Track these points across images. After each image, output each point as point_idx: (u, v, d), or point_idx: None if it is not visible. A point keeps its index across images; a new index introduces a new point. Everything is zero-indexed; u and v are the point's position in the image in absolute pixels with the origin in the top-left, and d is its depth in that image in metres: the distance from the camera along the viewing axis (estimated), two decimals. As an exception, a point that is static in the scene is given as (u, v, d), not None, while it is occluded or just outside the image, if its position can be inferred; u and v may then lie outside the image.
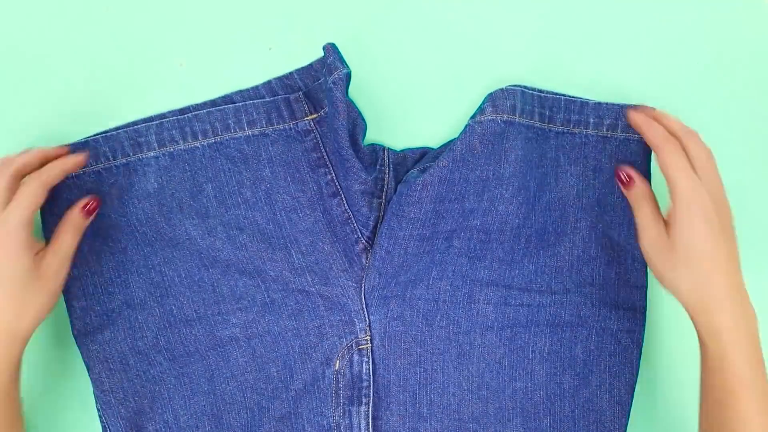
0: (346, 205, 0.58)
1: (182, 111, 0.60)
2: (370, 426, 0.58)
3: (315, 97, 0.59)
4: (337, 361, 0.58)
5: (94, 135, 0.59)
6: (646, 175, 0.57)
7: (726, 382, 0.49)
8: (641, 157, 0.57)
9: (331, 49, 0.56)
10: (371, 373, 0.58)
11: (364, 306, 0.58)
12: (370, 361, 0.58)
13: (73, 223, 0.55)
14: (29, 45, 0.61)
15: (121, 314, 0.58)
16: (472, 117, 0.55)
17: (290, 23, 0.61)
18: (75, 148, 0.58)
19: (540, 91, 0.59)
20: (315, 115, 0.59)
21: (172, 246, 0.59)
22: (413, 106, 0.61)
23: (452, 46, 0.61)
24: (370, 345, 0.58)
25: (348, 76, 0.55)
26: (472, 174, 0.56)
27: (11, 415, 0.52)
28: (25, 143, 0.59)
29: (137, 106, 0.61)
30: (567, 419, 0.57)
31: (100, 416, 0.59)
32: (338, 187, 0.58)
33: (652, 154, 0.57)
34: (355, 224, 0.58)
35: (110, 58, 0.61)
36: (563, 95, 0.59)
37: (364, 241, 0.58)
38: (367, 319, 0.58)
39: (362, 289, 0.58)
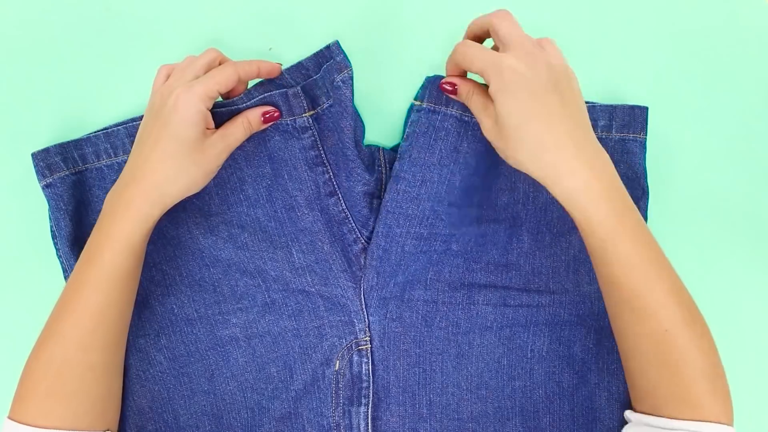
0: (343, 204, 0.58)
1: None
2: (370, 426, 0.58)
3: (311, 93, 0.58)
4: (337, 362, 0.58)
5: (95, 132, 0.60)
6: (642, 172, 0.58)
7: (599, 252, 0.48)
8: (637, 157, 0.58)
9: (338, 48, 0.57)
10: (371, 374, 0.58)
11: (363, 307, 0.59)
12: (370, 361, 0.58)
13: (250, 119, 0.56)
14: (29, 45, 0.62)
15: None
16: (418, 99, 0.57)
17: (290, 23, 0.62)
18: (76, 145, 0.58)
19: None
20: (313, 112, 0.58)
21: (173, 244, 0.59)
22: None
23: (450, 46, 0.62)
24: (370, 346, 0.59)
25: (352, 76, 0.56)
26: (468, 174, 0.57)
27: (136, 274, 0.54)
28: (24, 143, 0.60)
29: (137, 106, 0.61)
30: (566, 418, 0.58)
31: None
32: (335, 186, 0.58)
33: (646, 152, 0.58)
34: (354, 224, 0.58)
35: (110, 57, 0.62)
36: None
37: (363, 241, 0.59)
38: (366, 319, 0.59)
39: (361, 289, 0.59)
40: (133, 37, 0.62)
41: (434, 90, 0.56)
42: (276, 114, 0.57)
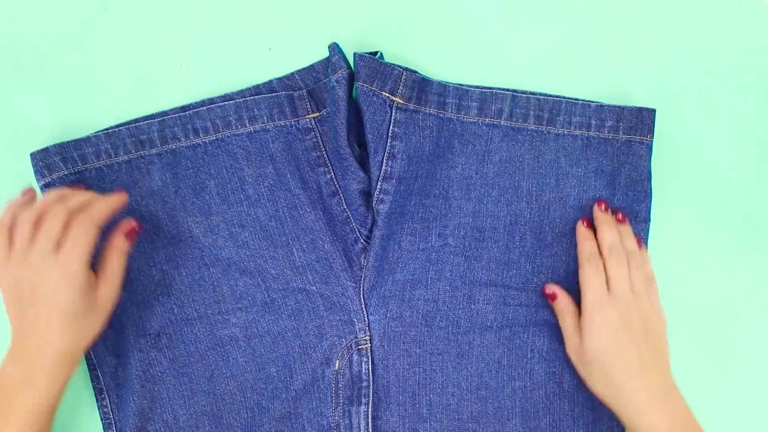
0: (345, 204, 0.58)
1: (183, 108, 0.61)
2: (370, 426, 0.58)
3: (318, 96, 0.59)
4: (337, 361, 0.58)
5: (96, 132, 0.59)
6: (647, 174, 0.58)
7: None
8: (642, 159, 0.58)
9: (335, 49, 0.57)
10: (371, 373, 0.58)
11: (363, 306, 0.59)
12: (370, 361, 0.58)
13: (118, 248, 0.56)
14: (29, 45, 0.61)
15: (125, 311, 0.58)
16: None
17: (290, 23, 0.61)
18: (75, 145, 0.58)
19: (541, 94, 0.59)
20: (317, 114, 0.59)
21: (173, 244, 0.59)
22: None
23: (454, 47, 0.61)
24: (370, 345, 0.58)
25: (351, 76, 0.56)
26: (453, 171, 0.58)
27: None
28: (24, 143, 0.59)
29: (137, 105, 0.61)
30: (566, 418, 0.58)
31: (101, 416, 0.59)
32: (337, 186, 0.59)
33: (651, 154, 0.58)
34: (354, 224, 0.58)
35: (110, 57, 0.61)
36: (564, 97, 0.59)
37: (362, 241, 0.59)
38: (366, 319, 0.58)
39: (361, 288, 0.58)
40: (132, 37, 0.62)
41: (364, 70, 0.56)
42: (134, 227, 0.56)
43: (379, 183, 0.57)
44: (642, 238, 0.58)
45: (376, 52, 0.59)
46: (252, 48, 0.61)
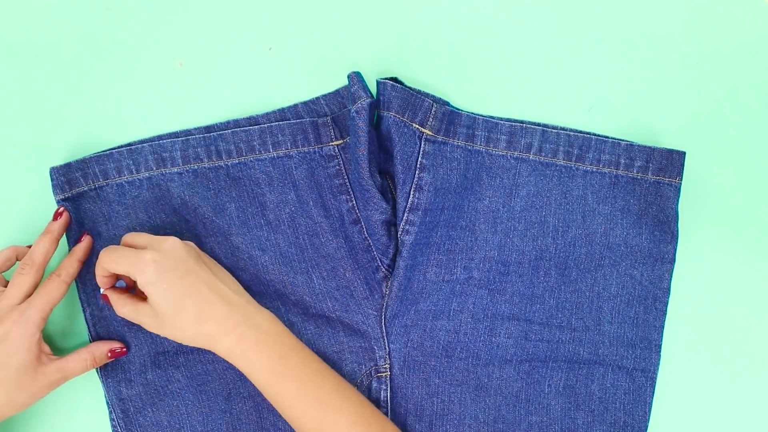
0: (366, 233, 0.58)
1: (208, 129, 0.60)
2: (385, 451, 0.58)
3: (342, 123, 0.59)
4: (355, 385, 0.59)
5: (118, 147, 0.59)
6: (674, 216, 0.58)
7: (271, 396, 0.53)
8: (670, 201, 0.58)
9: (355, 78, 0.56)
10: (389, 401, 0.58)
11: (384, 334, 0.59)
12: (389, 388, 0.59)
13: (95, 355, 0.56)
14: (29, 45, 0.61)
15: (141, 328, 0.58)
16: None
17: (290, 23, 0.61)
18: (99, 159, 0.57)
19: (571, 129, 0.59)
20: (341, 141, 0.59)
21: (193, 263, 0.58)
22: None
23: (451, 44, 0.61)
24: (389, 373, 0.59)
25: (371, 105, 0.55)
26: (480, 204, 0.58)
27: None
28: (23, 143, 0.59)
29: (136, 105, 0.60)
30: (581, 455, 0.58)
31: (113, 425, 0.59)
32: (359, 215, 0.58)
33: (680, 196, 0.58)
34: (375, 252, 0.58)
35: (109, 57, 0.61)
36: (594, 134, 0.59)
37: (384, 269, 0.59)
38: (387, 347, 0.59)
39: (383, 317, 0.58)
40: (132, 37, 0.61)
41: (396, 101, 0.56)
42: (123, 350, 0.57)
43: (405, 214, 0.57)
44: (666, 279, 0.58)
45: (394, 78, 0.58)
46: (252, 48, 0.61)
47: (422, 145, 0.57)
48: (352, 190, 0.59)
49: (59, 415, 0.60)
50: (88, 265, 0.57)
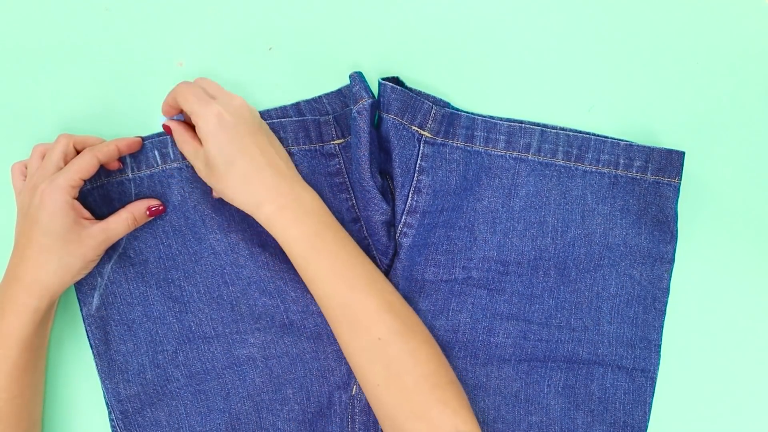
0: (366, 232, 0.58)
1: None
2: (384, 451, 0.58)
3: (344, 122, 0.59)
4: (354, 386, 0.59)
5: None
6: (673, 216, 0.58)
7: (303, 270, 0.53)
8: (669, 201, 0.58)
9: (357, 78, 0.57)
10: (388, 400, 0.58)
11: (383, 333, 0.59)
12: (388, 388, 0.58)
13: (134, 213, 0.56)
14: (28, 45, 0.61)
15: (142, 326, 0.58)
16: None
17: (290, 23, 0.61)
18: None
19: (570, 129, 0.59)
20: (342, 140, 0.59)
21: (194, 260, 0.59)
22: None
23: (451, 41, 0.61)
24: (388, 372, 0.59)
25: (372, 106, 0.55)
26: (479, 204, 0.58)
27: (33, 367, 0.55)
28: (22, 143, 0.59)
29: (136, 105, 0.61)
30: (580, 455, 0.58)
31: (112, 425, 0.59)
32: (359, 214, 0.59)
33: (679, 196, 0.58)
34: (375, 252, 0.58)
35: (109, 57, 0.61)
36: (593, 134, 0.59)
37: (383, 269, 0.59)
38: (386, 346, 0.59)
39: (382, 315, 0.59)
40: (132, 37, 0.61)
41: (395, 103, 0.57)
42: (161, 208, 0.58)
43: (403, 217, 0.57)
44: (666, 279, 0.58)
45: (396, 78, 0.58)
46: (252, 48, 0.61)
47: (421, 148, 0.57)
48: (352, 190, 0.59)
49: (59, 415, 0.60)
50: None
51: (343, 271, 0.52)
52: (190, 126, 0.56)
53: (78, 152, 0.56)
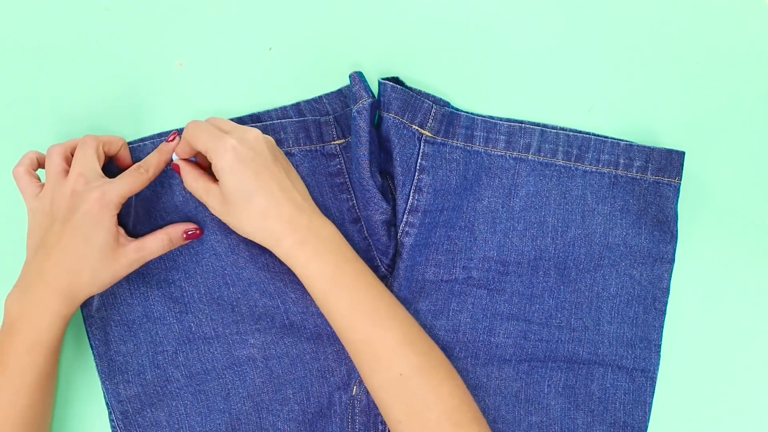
0: (366, 231, 0.58)
1: None
2: (384, 451, 0.59)
3: (344, 122, 0.59)
4: (354, 387, 0.59)
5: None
6: (673, 216, 0.58)
7: (323, 304, 0.53)
8: (669, 201, 0.58)
9: (357, 78, 0.57)
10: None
11: (383, 333, 0.59)
12: (388, 388, 0.58)
13: (170, 236, 0.56)
14: (28, 45, 0.61)
15: (142, 326, 0.58)
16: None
17: (290, 23, 0.61)
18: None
19: (570, 129, 0.59)
20: (342, 141, 0.59)
21: (195, 261, 0.59)
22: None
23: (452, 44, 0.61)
24: (388, 372, 0.59)
25: (372, 106, 0.55)
26: (479, 204, 0.59)
27: (54, 376, 0.55)
28: (21, 143, 0.59)
29: (136, 105, 0.61)
30: (580, 455, 0.58)
31: (112, 426, 0.59)
32: (359, 214, 0.59)
33: (679, 196, 0.58)
34: (375, 252, 0.59)
35: (109, 57, 0.61)
36: (593, 134, 0.59)
37: (383, 269, 0.59)
38: (386, 346, 0.59)
39: (382, 316, 0.59)
40: (132, 37, 0.61)
41: (396, 102, 0.57)
42: (198, 232, 0.57)
43: (404, 216, 0.57)
44: (666, 279, 0.58)
45: (396, 78, 0.58)
46: (252, 48, 0.61)
47: (421, 147, 0.57)
48: (352, 190, 0.59)
49: (59, 416, 0.60)
50: None
51: (363, 305, 0.52)
52: (201, 166, 0.56)
53: (105, 154, 0.56)
